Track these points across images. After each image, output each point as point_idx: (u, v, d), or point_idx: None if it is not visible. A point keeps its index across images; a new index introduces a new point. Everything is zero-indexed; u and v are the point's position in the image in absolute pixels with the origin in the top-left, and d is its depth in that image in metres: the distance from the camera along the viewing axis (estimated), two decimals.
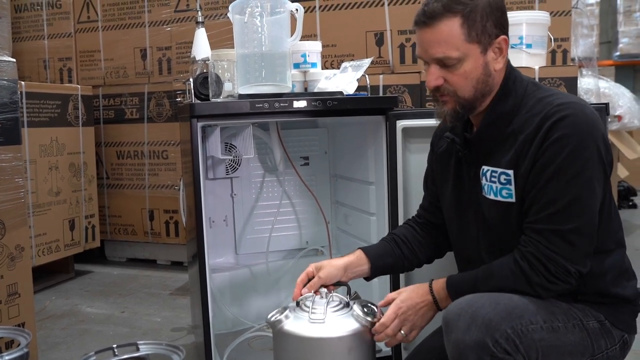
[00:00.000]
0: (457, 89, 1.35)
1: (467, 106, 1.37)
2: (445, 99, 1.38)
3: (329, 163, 2.64)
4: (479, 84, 1.35)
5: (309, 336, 1.41)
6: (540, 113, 1.29)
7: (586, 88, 3.72)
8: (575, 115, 1.25)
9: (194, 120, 1.87)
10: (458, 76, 1.33)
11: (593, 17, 6.32)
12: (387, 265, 1.59)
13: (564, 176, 1.24)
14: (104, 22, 3.76)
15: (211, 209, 2.47)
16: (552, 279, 1.26)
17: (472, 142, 1.43)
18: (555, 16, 2.85)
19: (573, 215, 1.25)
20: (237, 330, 2.41)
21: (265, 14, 1.99)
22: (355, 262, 1.55)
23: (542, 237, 1.27)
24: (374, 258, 1.56)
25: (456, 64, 1.32)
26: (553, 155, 1.25)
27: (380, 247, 1.60)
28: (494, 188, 1.37)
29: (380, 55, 3.09)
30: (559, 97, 1.31)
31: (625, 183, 5.32)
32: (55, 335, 2.60)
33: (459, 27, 1.30)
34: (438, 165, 1.59)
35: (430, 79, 1.36)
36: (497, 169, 1.36)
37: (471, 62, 1.33)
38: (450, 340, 1.24)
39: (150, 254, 3.78)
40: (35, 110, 3.18)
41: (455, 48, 1.31)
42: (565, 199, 1.25)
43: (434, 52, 1.33)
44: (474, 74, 1.33)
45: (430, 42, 1.33)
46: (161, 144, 3.61)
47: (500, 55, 1.35)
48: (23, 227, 2.08)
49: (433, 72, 1.35)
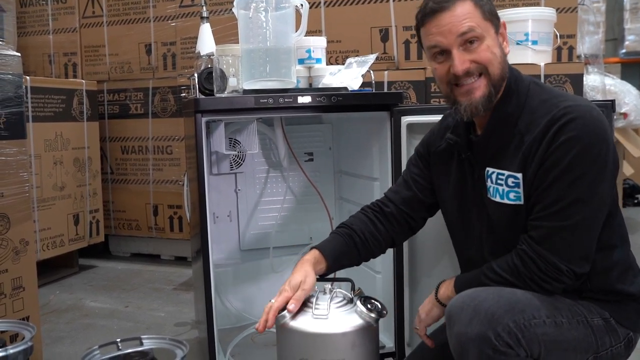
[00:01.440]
0: (487, 64, 1.33)
1: (497, 86, 1.35)
2: (475, 85, 1.34)
3: (333, 159, 2.63)
4: (502, 64, 1.36)
5: (312, 332, 1.41)
6: (546, 115, 1.28)
7: (592, 85, 3.70)
8: (582, 118, 1.25)
9: (198, 115, 1.87)
10: (483, 52, 1.33)
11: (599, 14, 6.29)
12: (342, 266, 1.59)
13: (569, 177, 1.24)
14: (108, 17, 3.76)
15: (215, 205, 2.47)
16: (543, 276, 1.26)
17: (477, 144, 1.42)
18: (561, 13, 2.83)
19: (571, 214, 1.25)
20: (241, 325, 2.42)
21: (270, 9, 1.99)
22: (316, 266, 1.52)
23: (537, 234, 1.27)
24: (332, 261, 1.54)
25: (479, 40, 1.32)
26: (560, 157, 1.24)
27: (338, 247, 1.56)
28: (500, 190, 1.36)
29: (385, 51, 3.08)
30: (565, 99, 1.31)
31: (630, 181, 5.30)
32: (59, 329, 2.60)
33: (473, 7, 1.33)
34: (436, 165, 1.56)
35: (458, 64, 1.32)
36: (503, 172, 1.35)
37: (491, 40, 1.34)
38: (453, 333, 1.24)
39: (154, 249, 3.79)
40: (40, 105, 3.19)
41: (477, 23, 1.32)
42: (567, 199, 1.24)
43: (459, 28, 1.31)
44: (496, 50, 1.35)
45: (452, 22, 1.32)
46: (165, 139, 3.61)
47: (504, 40, 1.39)
48: (28, 222, 2.08)
49: (458, 56, 1.32)
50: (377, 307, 1.46)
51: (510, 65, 1.41)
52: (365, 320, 1.43)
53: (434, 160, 1.57)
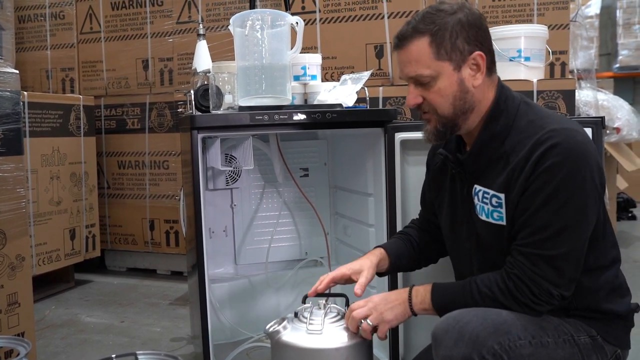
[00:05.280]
0: (436, 107, 1.38)
1: (447, 124, 1.39)
2: (427, 117, 1.42)
3: (328, 174, 2.65)
4: (457, 101, 1.37)
5: (306, 347, 1.42)
6: (532, 137, 1.29)
7: (585, 100, 3.74)
8: (567, 142, 1.25)
9: (194, 131, 1.89)
10: (434, 94, 1.37)
11: (593, 29, 6.36)
12: (402, 265, 1.65)
13: (556, 203, 1.25)
14: (106, 33, 3.79)
15: (211, 220, 2.48)
16: (536, 300, 1.28)
17: (465, 162, 1.44)
18: (553, 29, 2.87)
19: (561, 242, 1.26)
20: (236, 340, 2.41)
21: (266, 27, 2.02)
22: (381, 262, 1.58)
23: (529, 261, 1.28)
24: (394, 259, 1.61)
25: (430, 81, 1.36)
26: (545, 183, 1.25)
27: (400, 248, 1.64)
28: (485, 209, 1.38)
29: (380, 67, 3.12)
30: (551, 121, 1.31)
31: (624, 195, 5.32)
32: (54, 344, 2.60)
33: (427, 46, 1.35)
34: (434, 184, 1.60)
35: (409, 98, 1.41)
36: (489, 191, 1.37)
37: (444, 80, 1.36)
38: (439, 355, 1.25)
39: (150, 264, 3.79)
40: (37, 120, 3.20)
41: (426, 66, 1.35)
42: (556, 226, 1.25)
43: (407, 72, 1.39)
44: (448, 90, 1.36)
45: (403, 62, 1.39)
46: (162, 154, 3.63)
47: (478, 71, 1.37)
48: (24, 237, 2.09)
49: (412, 91, 1.41)
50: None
51: (502, 82, 1.43)
52: (359, 335, 1.44)
53: (433, 177, 1.61)
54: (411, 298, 1.40)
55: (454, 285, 1.40)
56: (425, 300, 1.38)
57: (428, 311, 1.39)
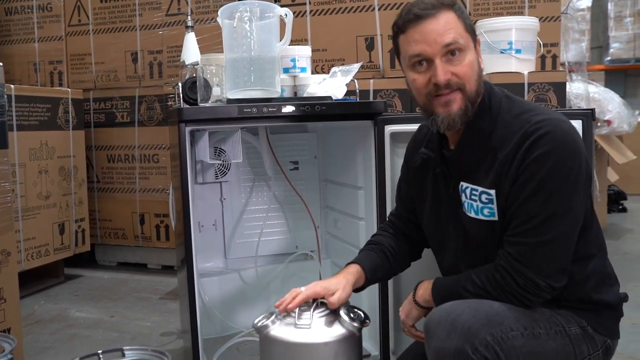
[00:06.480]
0: (465, 81, 1.31)
1: (472, 102, 1.34)
2: (452, 97, 1.32)
3: (318, 167, 2.64)
4: (479, 79, 1.34)
5: (295, 341, 1.41)
6: (518, 131, 1.28)
7: (576, 93, 3.74)
8: (554, 132, 1.25)
9: (182, 124, 1.87)
10: (465, 67, 1.31)
11: (584, 21, 6.37)
12: (378, 278, 1.62)
13: (543, 193, 1.24)
14: (95, 26, 3.75)
15: (200, 214, 2.46)
16: (523, 292, 1.27)
17: (451, 159, 1.42)
18: (544, 21, 2.86)
19: (546, 230, 1.25)
20: (226, 335, 2.41)
21: (255, 19, 1.99)
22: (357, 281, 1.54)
23: (514, 250, 1.27)
24: (370, 274, 1.56)
25: (461, 53, 1.31)
26: (533, 173, 1.25)
27: (374, 261, 1.59)
28: (474, 206, 1.36)
29: (371, 59, 3.10)
30: (536, 113, 1.30)
31: (615, 187, 5.35)
32: (43, 340, 2.58)
33: (457, 18, 1.32)
34: (414, 182, 1.57)
35: (440, 73, 1.29)
36: (477, 188, 1.35)
37: (471, 54, 1.33)
38: (431, 347, 1.24)
39: (140, 258, 3.77)
40: (24, 113, 3.17)
41: (460, 35, 1.31)
42: (543, 214, 1.25)
43: (444, 38, 1.29)
44: (475, 66, 1.33)
45: (437, 31, 1.29)
46: (152, 147, 3.60)
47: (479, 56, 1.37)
48: (9, 232, 2.07)
49: (442, 66, 1.30)
50: (360, 317, 1.46)
51: (486, 80, 1.40)
52: (348, 329, 1.43)
53: (412, 175, 1.58)
54: (415, 291, 1.46)
55: (453, 277, 1.40)
56: (426, 292, 1.43)
57: (430, 303, 1.41)
